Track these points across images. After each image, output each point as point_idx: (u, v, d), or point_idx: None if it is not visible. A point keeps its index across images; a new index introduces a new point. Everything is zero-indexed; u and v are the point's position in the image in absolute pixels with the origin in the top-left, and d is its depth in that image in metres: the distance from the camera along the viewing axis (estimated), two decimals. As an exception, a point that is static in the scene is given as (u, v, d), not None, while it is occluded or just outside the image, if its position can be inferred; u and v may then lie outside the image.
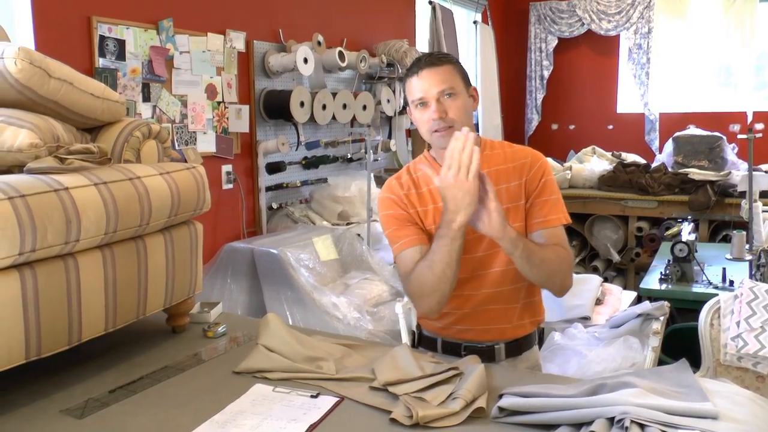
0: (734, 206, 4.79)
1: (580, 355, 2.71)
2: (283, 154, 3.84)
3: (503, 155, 1.83)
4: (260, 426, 1.43)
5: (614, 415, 1.29)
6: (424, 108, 1.74)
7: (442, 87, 1.71)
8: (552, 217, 1.77)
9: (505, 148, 1.86)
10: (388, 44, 4.63)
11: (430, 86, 1.71)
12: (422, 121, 1.75)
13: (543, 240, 1.76)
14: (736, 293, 2.41)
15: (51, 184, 1.50)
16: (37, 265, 1.47)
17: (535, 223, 1.78)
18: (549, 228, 1.77)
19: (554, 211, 1.78)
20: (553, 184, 1.80)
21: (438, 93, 1.71)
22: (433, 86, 1.71)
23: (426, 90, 1.72)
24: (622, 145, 6.37)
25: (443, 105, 1.72)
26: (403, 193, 1.84)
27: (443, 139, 1.72)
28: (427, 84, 1.72)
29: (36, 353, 1.50)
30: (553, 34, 6.93)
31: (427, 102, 1.73)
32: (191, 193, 1.90)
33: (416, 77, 1.74)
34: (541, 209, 1.78)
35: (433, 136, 1.75)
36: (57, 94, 1.71)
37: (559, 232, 1.79)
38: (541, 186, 1.78)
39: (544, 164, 1.82)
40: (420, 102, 1.74)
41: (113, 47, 2.90)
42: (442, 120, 1.71)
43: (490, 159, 1.81)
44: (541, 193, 1.78)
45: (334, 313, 2.93)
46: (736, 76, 6.45)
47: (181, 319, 2.06)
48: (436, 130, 1.73)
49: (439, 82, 1.71)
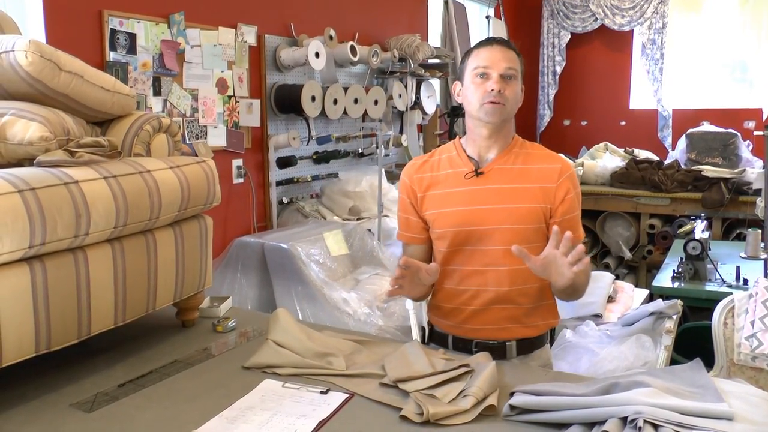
0: (749, 204, 4.74)
1: (592, 353, 2.69)
2: (294, 149, 3.83)
3: (532, 156, 1.83)
4: (269, 422, 1.42)
5: (627, 415, 1.27)
6: (484, 79, 1.75)
7: (509, 64, 1.75)
8: (580, 233, 1.82)
9: (536, 150, 1.87)
10: (401, 39, 4.61)
11: (500, 60, 1.75)
12: (478, 91, 1.76)
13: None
14: (751, 292, 2.38)
15: (61, 178, 1.49)
16: (46, 258, 1.47)
17: None
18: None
19: (580, 227, 1.83)
20: (580, 198, 1.84)
21: (504, 68, 1.75)
22: (502, 61, 1.75)
23: (494, 61, 1.75)
24: (635, 141, 6.32)
25: (504, 81, 1.75)
26: (416, 176, 1.87)
27: (493, 112, 1.75)
28: (497, 57, 1.75)
29: (46, 346, 1.49)
30: (566, 30, 6.88)
31: (489, 74, 1.74)
32: (201, 187, 1.89)
33: (486, 48, 1.78)
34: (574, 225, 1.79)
35: (484, 107, 1.75)
36: (67, 87, 1.71)
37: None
38: (571, 199, 1.79)
39: (573, 176, 1.83)
40: (483, 71, 1.75)
41: (124, 41, 2.90)
42: (499, 93, 1.73)
43: (517, 156, 1.81)
44: (572, 208, 1.80)
45: (344, 308, 2.93)
46: (751, 72, 6.38)
47: (191, 314, 2.05)
48: (491, 101, 1.74)
49: (506, 59, 1.76)
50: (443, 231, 1.81)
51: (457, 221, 1.78)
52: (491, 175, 1.79)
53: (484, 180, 1.78)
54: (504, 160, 1.80)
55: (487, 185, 1.78)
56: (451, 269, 1.82)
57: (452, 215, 1.79)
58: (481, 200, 1.77)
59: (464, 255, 1.80)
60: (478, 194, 1.78)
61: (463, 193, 1.79)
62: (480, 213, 1.76)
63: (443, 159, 1.87)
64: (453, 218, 1.79)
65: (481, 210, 1.76)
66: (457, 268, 1.81)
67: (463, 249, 1.79)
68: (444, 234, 1.81)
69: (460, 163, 1.82)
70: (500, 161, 1.80)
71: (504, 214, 1.75)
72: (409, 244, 1.93)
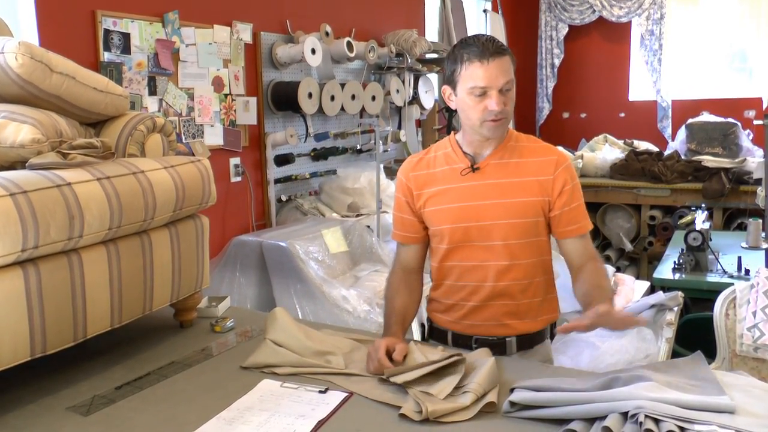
0: (749, 194, 4.72)
1: (593, 347, 2.68)
2: (291, 146, 3.81)
3: (527, 149, 1.80)
4: (268, 422, 1.41)
5: (628, 410, 1.26)
6: (483, 97, 1.69)
7: (507, 78, 1.69)
8: (584, 223, 1.79)
9: (531, 143, 1.83)
10: (397, 34, 4.58)
11: (497, 77, 1.67)
12: (477, 108, 1.70)
13: (576, 247, 1.79)
14: (753, 283, 2.37)
15: (53, 180, 1.48)
16: (40, 261, 1.46)
17: (569, 230, 1.78)
18: (583, 235, 1.79)
19: (584, 217, 1.80)
20: (579, 188, 1.80)
21: (503, 84, 1.68)
22: (500, 77, 1.67)
23: (492, 80, 1.67)
24: (635, 132, 6.30)
25: (504, 97, 1.70)
26: (412, 174, 1.85)
27: (496, 129, 1.72)
28: (494, 74, 1.67)
29: (41, 350, 1.48)
30: (563, 22, 6.85)
31: (488, 92, 1.69)
32: (196, 187, 1.88)
33: (482, 65, 1.67)
34: (575, 215, 1.77)
35: (485, 125, 1.71)
36: (59, 89, 1.70)
37: (590, 239, 1.83)
38: (570, 190, 1.76)
39: (570, 167, 1.80)
40: (481, 90, 1.69)
41: (118, 41, 2.88)
42: (500, 111, 1.69)
43: (513, 151, 1.79)
44: (572, 198, 1.77)
45: (344, 306, 2.91)
46: (750, 62, 6.35)
47: (189, 314, 2.05)
48: (493, 120, 1.70)
49: (504, 73, 1.68)
50: (441, 228, 1.79)
51: (455, 218, 1.76)
52: (487, 170, 1.77)
53: (481, 175, 1.77)
54: (500, 155, 1.78)
55: (484, 181, 1.76)
56: (450, 265, 1.81)
57: (449, 212, 1.77)
58: (478, 196, 1.75)
59: (463, 251, 1.78)
60: (474, 190, 1.76)
61: (460, 190, 1.77)
62: (477, 209, 1.75)
63: (439, 156, 1.85)
64: (450, 215, 1.77)
65: (478, 206, 1.75)
66: (456, 264, 1.80)
67: (461, 245, 1.78)
68: (442, 231, 1.79)
69: (456, 160, 1.80)
70: (496, 156, 1.78)
71: (501, 209, 1.74)
72: (404, 244, 1.91)
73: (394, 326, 1.77)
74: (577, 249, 1.79)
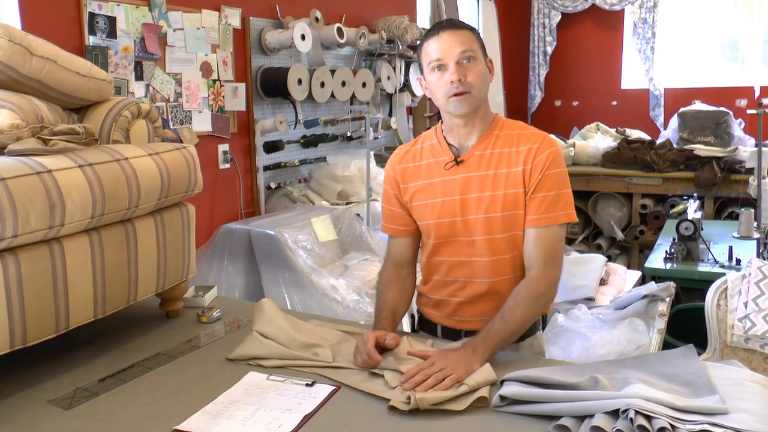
0: (741, 183, 4.71)
1: (585, 338, 2.66)
2: (281, 133, 3.77)
3: (512, 137, 1.72)
4: (253, 417, 1.38)
5: (619, 407, 1.24)
6: (441, 71, 1.65)
7: (462, 48, 1.64)
8: (546, 215, 1.66)
9: (517, 130, 1.74)
10: (389, 20, 4.53)
11: (451, 48, 1.64)
12: (439, 85, 1.66)
13: (533, 241, 1.66)
14: (744, 273, 2.36)
15: (33, 167, 1.44)
16: (19, 251, 1.42)
17: (528, 220, 1.68)
18: (539, 228, 1.66)
19: (552, 208, 1.66)
20: (556, 178, 1.67)
21: (458, 55, 1.63)
22: (454, 47, 1.64)
23: (445, 51, 1.64)
24: (627, 121, 6.27)
25: (463, 68, 1.64)
26: (399, 166, 1.81)
27: (461, 104, 1.65)
28: (447, 45, 1.64)
29: (21, 342, 1.45)
30: (556, 9, 6.80)
31: (445, 64, 1.65)
32: (182, 174, 1.84)
33: (435, 39, 1.66)
34: (539, 206, 1.66)
35: (450, 101, 1.66)
36: (40, 73, 1.65)
37: (550, 234, 1.67)
38: (542, 179, 1.66)
39: (551, 155, 1.67)
40: (438, 65, 1.65)
41: (104, 25, 2.82)
42: (460, 83, 1.63)
43: (496, 140, 1.73)
44: (540, 187, 1.66)
45: (332, 295, 2.88)
46: (743, 50, 6.33)
47: (175, 304, 2.01)
48: (455, 94, 1.64)
49: (459, 43, 1.64)
50: (427, 223, 1.76)
51: (439, 212, 1.72)
52: (471, 162, 1.71)
53: (465, 168, 1.71)
54: (484, 146, 1.72)
55: (467, 174, 1.71)
56: (439, 260, 1.78)
57: (434, 206, 1.73)
58: (462, 189, 1.70)
59: (449, 247, 1.75)
60: (458, 184, 1.71)
61: (444, 183, 1.72)
62: (461, 203, 1.70)
63: (425, 147, 1.80)
64: (435, 209, 1.73)
65: (462, 200, 1.70)
66: (445, 260, 1.76)
67: (447, 240, 1.74)
68: (428, 226, 1.76)
69: (440, 152, 1.76)
70: (480, 147, 1.72)
71: (485, 202, 1.68)
72: (394, 237, 1.88)
73: (383, 321, 1.73)
74: (528, 244, 1.67)
